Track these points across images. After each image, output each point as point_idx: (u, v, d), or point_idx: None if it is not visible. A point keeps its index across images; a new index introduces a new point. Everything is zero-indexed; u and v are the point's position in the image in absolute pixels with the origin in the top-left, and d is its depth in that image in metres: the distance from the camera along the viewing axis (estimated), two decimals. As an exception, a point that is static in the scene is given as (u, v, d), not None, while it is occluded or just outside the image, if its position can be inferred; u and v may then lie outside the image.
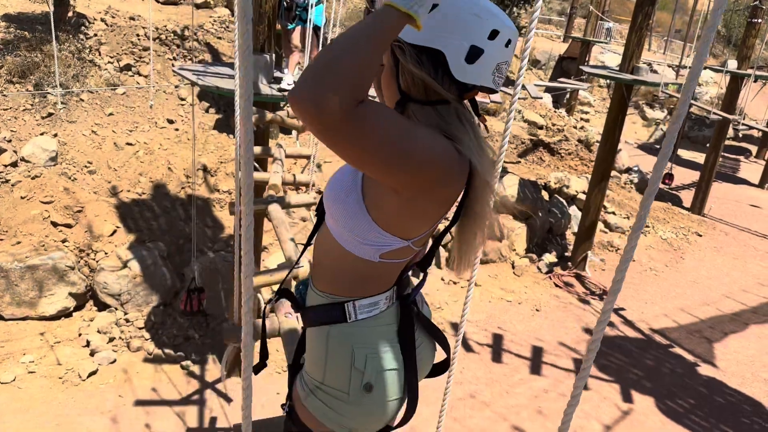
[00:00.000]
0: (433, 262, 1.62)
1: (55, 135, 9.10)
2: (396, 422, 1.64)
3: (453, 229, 1.52)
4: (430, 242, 1.63)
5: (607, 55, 23.48)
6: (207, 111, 10.89)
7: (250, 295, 1.08)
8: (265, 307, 1.97)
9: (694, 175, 15.89)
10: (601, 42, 21.57)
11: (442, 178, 1.29)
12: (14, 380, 6.65)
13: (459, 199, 1.44)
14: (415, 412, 1.62)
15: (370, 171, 1.26)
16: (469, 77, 1.32)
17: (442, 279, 9.67)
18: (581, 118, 19.41)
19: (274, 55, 6.76)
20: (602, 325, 1.11)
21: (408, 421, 1.66)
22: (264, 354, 1.79)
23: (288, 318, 3.08)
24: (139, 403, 6.64)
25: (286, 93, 6.00)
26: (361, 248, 1.42)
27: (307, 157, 5.65)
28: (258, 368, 1.75)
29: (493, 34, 1.30)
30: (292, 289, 1.73)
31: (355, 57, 1.04)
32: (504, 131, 1.96)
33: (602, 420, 7.03)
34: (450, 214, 1.53)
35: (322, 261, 1.54)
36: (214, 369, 7.35)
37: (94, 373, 6.90)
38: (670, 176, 15.26)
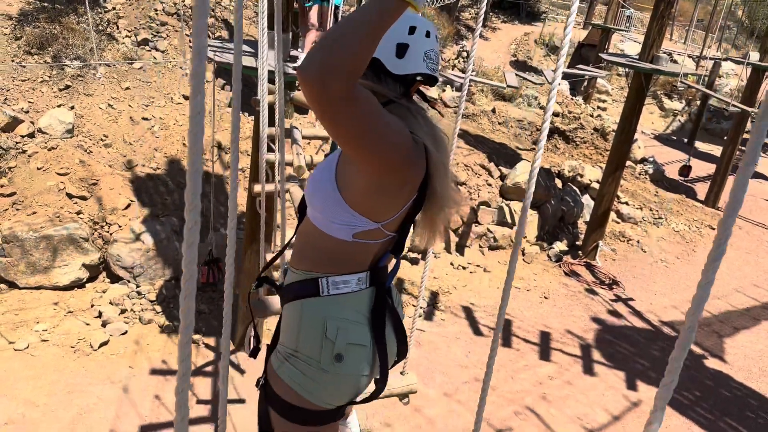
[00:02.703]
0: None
1: (72, 107, 9.16)
2: (361, 398, 1.74)
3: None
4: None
5: (627, 43, 23.14)
6: (223, 88, 10.89)
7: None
8: (250, 294, 2.12)
9: (710, 168, 15.71)
10: (622, 30, 21.25)
11: (404, 159, 1.44)
12: (27, 348, 6.77)
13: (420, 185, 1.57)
14: (381, 392, 1.74)
15: (353, 149, 1.38)
16: (405, 68, 1.54)
17: (452, 264, 9.69)
18: (598, 107, 19.20)
19: (290, 33, 6.73)
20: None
21: (374, 398, 1.77)
22: (257, 337, 1.99)
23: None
24: (150, 373, 6.75)
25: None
26: (336, 228, 1.56)
27: (324, 138, 5.67)
28: (254, 352, 1.93)
29: (412, 30, 1.54)
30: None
31: (359, 42, 1.14)
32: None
33: (607, 408, 7.06)
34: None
35: (302, 245, 1.68)
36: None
37: (105, 343, 7.01)
38: (687, 168, 15.12)
